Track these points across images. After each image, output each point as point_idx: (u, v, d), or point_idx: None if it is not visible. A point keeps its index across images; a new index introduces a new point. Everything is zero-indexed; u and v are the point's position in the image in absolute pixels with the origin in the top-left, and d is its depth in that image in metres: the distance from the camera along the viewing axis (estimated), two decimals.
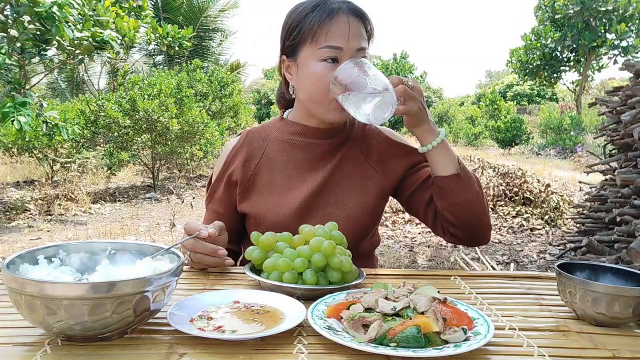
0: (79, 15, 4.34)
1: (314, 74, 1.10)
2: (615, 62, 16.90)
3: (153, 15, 5.90)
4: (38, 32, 4.13)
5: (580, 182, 4.60)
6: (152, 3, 14.69)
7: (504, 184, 5.96)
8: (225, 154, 1.26)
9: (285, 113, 1.29)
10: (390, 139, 1.27)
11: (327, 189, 1.19)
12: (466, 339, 0.71)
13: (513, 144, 15.08)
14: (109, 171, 7.84)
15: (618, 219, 3.31)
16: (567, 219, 5.15)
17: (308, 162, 1.21)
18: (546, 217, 5.38)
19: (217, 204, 1.25)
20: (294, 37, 1.13)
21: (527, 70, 18.49)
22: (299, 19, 1.12)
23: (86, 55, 4.68)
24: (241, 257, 1.31)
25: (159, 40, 5.81)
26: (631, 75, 3.49)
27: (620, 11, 15.56)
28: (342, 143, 1.24)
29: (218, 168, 1.27)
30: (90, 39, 4.42)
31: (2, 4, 3.95)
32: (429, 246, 4.53)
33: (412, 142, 1.30)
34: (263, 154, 1.23)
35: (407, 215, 5.50)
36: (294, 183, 1.19)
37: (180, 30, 6.02)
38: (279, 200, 1.18)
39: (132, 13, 5.44)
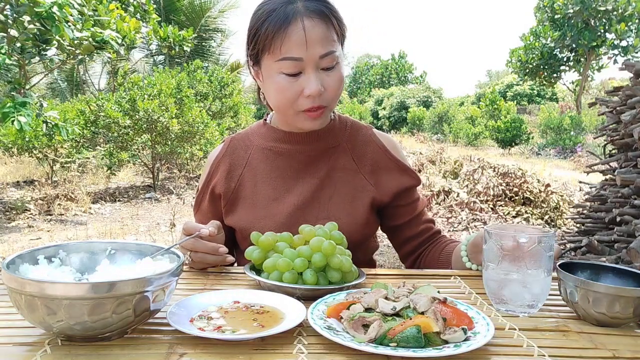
0: (79, 15, 4.34)
1: (275, 86, 1.04)
2: (615, 62, 16.90)
3: (158, 19, 5.91)
4: (38, 32, 4.13)
5: (580, 182, 4.59)
6: (155, 4, 14.70)
7: (504, 184, 5.96)
8: (209, 165, 1.22)
9: (268, 117, 1.24)
10: (388, 151, 1.21)
11: (318, 202, 1.14)
12: (466, 339, 0.70)
13: (513, 144, 15.09)
14: (109, 171, 7.85)
15: (618, 219, 3.31)
16: (567, 219, 5.15)
17: (293, 171, 1.16)
18: (546, 217, 5.38)
19: (203, 215, 1.23)
20: (254, 46, 1.05)
21: (527, 70, 18.50)
22: (257, 26, 1.04)
23: (86, 55, 4.68)
24: (235, 265, 1.30)
25: (160, 42, 5.82)
26: (631, 75, 3.48)
27: (620, 11, 15.56)
28: (330, 149, 1.18)
29: (202, 179, 1.23)
30: (90, 39, 4.42)
31: (2, 4, 3.95)
32: None
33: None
34: (246, 163, 1.19)
35: None
36: (279, 193, 1.15)
37: (180, 32, 6.03)
38: (263, 212, 1.14)
39: (137, 14, 5.45)
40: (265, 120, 1.24)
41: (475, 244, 1.05)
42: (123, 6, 5.20)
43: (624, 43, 16.36)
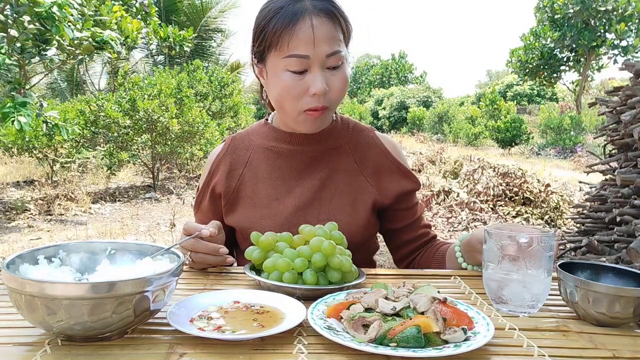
0: (79, 15, 4.34)
1: (280, 84, 1.03)
2: (615, 62, 16.91)
3: (157, 17, 5.91)
4: (38, 32, 4.13)
5: (580, 182, 4.59)
6: (156, 5, 14.72)
7: (504, 184, 5.96)
8: (210, 164, 1.22)
9: (270, 117, 1.24)
10: (390, 154, 1.20)
11: (319, 203, 1.14)
12: (466, 339, 0.70)
13: (513, 144, 15.10)
14: (109, 171, 7.85)
15: (618, 219, 3.31)
16: (567, 219, 5.15)
17: (294, 171, 1.16)
18: (546, 217, 5.38)
19: (203, 214, 1.23)
20: (260, 43, 1.05)
21: (527, 70, 18.50)
22: (264, 24, 1.03)
23: (86, 55, 4.68)
24: (235, 265, 1.30)
25: (160, 42, 5.82)
26: (631, 75, 3.48)
27: (620, 11, 15.57)
28: (332, 150, 1.17)
29: (203, 178, 1.23)
30: (90, 39, 4.42)
31: (2, 4, 3.95)
32: None
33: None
34: (247, 163, 1.18)
35: None
36: (280, 193, 1.14)
37: (180, 32, 6.03)
38: (264, 212, 1.13)
39: (139, 16, 5.46)
40: (267, 120, 1.23)
41: (469, 242, 1.05)
42: (125, 7, 5.21)
43: (624, 43, 16.37)
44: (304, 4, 1.01)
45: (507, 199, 5.80)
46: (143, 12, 5.50)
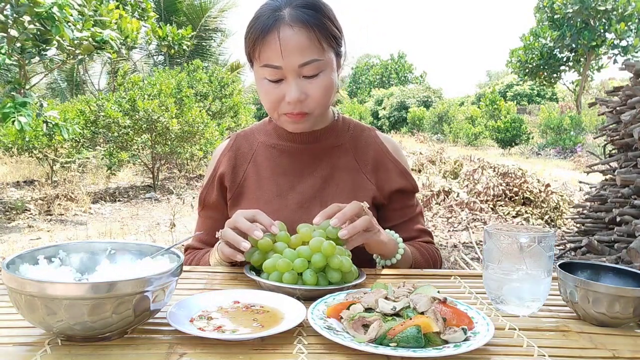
0: (79, 16, 4.34)
1: (261, 90, 1.07)
2: (615, 61, 16.91)
3: (157, 16, 5.92)
4: (38, 32, 4.13)
5: (580, 182, 4.59)
6: (155, 5, 14.73)
7: (504, 184, 5.96)
8: (215, 159, 1.24)
9: None
10: (390, 152, 1.22)
11: (321, 200, 1.15)
12: (466, 339, 0.70)
13: (513, 144, 15.11)
14: (109, 171, 7.86)
15: (618, 219, 3.31)
16: (567, 219, 5.15)
17: (296, 169, 1.18)
18: (546, 217, 5.38)
19: (211, 209, 1.23)
20: (245, 49, 1.09)
21: (527, 70, 18.51)
22: (247, 30, 1.06)
23: (86, 55, 4.68)
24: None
25: (159, 41, 5.82)
26: (631, 75, 3.48)
27: (620, 10, 15.57)
28: (333, 148, 1.19)
29: (208, 173, 1.24)
30: (90, 39, 4.42)
31: (2, 4, 3.95)
32: None
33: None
34: (251, 159, 1.21)
35: None
36: (282, 190, 1.16)
37: (179, 31, 6.03)
38: (267, 208, 1.12)
39: (136, 14, 5.46)
40: (270, 118, 1.25)
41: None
42: (121, 5, 5.20)
43: (623, 43, 16.37)
44: (281, 13, 1.01)
45: (507, 199, 5.80)
46: (139, 9, 5.49)
